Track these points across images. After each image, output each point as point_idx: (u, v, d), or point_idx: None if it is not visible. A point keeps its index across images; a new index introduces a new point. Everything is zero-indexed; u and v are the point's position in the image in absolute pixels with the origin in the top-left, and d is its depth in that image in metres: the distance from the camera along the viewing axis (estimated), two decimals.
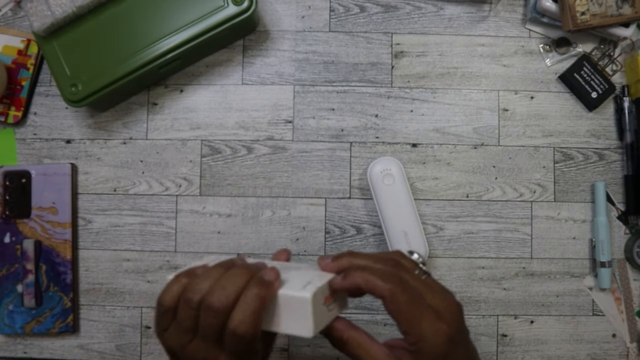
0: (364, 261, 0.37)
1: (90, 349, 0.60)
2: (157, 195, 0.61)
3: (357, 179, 0.61)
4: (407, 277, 0.36)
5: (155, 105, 0.62)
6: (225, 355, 0.35)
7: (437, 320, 0.34)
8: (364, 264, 0.36)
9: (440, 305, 0.35)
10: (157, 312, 0.36)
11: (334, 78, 0.62)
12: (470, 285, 0.60)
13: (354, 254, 0.38)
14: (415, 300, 0.34)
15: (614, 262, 0.61)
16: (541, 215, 0.61)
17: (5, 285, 0.59)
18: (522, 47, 0.62)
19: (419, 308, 0.34)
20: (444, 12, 0.63)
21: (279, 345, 0.59)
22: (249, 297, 0.33)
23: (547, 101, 0.62)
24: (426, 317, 0.34)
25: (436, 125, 0.62)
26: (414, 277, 0.36)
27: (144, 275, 0.60)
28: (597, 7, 0.57)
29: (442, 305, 0.35)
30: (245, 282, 0.34)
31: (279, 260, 0.44)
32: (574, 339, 0.60)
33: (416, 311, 0.34)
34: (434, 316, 0.34)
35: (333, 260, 0.38)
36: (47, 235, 0.59)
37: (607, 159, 0.62)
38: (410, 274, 0.36)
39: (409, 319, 0.34)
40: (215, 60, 0.62)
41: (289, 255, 0.44)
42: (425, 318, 0.34)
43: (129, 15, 0.56)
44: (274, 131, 0.61)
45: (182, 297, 0.35)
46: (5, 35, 0.61)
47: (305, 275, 0.38)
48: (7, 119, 0.60)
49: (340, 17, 0.62)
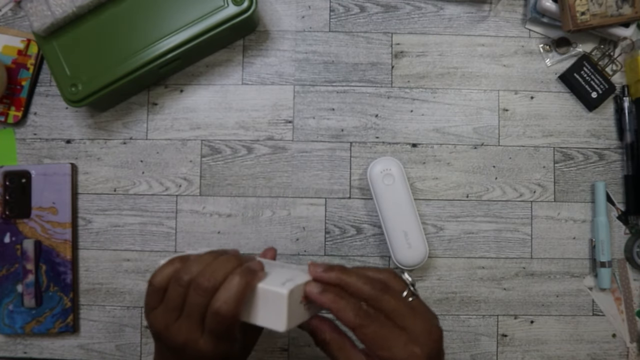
0: (353, 280, 0.38)
1: (90, 349, 0.60)
2: (157, 195, 0.61)
3: (357, 179, 0.61)
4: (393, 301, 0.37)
5: (155, 105, 0.62)
6: (205, 337, 0.36)
7: (409, 343, 0.36)
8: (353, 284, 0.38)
9: (418, 328, 0.37)
10: (148, 291, 0.38)
11: (334, 78, 0.62)
12: (470, 285, 0.60)
13: (346, 272, 0.39)
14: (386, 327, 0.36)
15: (614, 262, 0.61)
16: (541, 215, 0.61)
17: (5, 285, 0.59)
18: (522, 47, 0.62)
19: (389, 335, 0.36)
20: (444, 12, 0.63)
21: (279, 345, 0.59)
22: (234, 280, 0.35)
23: (547, 101, 0.62)
24: (398, 341, 0.36)
25: (436, 125, 0.62)
26: (398, 299, 0.38)
27: (144, 275, 0.60)
28: (597, 7, 0.57)
29: (419, 329, 0.37)
30: (233, 268, 0.36)
31: (265, 257, 0.46)
32: (574, 339, 0.60)
33: (386, 339, 0.36)
34: (407, 339, 0.36)
35: (324, 271, 0.39)
36: (47, 235, 0.59)
37: (607, 159, 0.62)
38: (396, 297, 0.38)
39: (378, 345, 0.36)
40: (215, 60, 0.62)
41: (274, 253, 0.46)
42: (396, 342, 0.36)
43: (129, 15, 0.56)
44: (274, 131, 0.61)
45: (173, 277, 0.37)
46: (5, 35, 0.61)
47: (288, 273, 0.39)
48: (7, 119, 0.60)
49: (340, 17, 0.62)
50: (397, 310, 0.37)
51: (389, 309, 0.37)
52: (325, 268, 0.39)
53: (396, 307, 0.37)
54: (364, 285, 0.38)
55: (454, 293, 0.60)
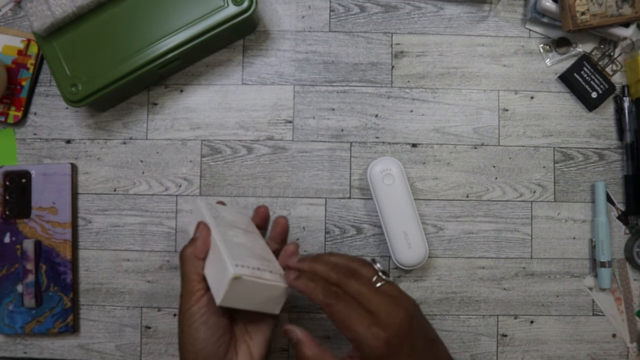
0: (323, 268, 0.42)
1: (90, 349, 0.60)
2: (157, 195, 0.61)
3: (357, 179, 0.61)
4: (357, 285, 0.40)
5: (155, 105, 0.62)
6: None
7: (373, 325, 0.38)
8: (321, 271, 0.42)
9: (383, 311, 0.38)
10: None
11: (334, 78, 0.62)
12: (470, 285, 0.60)
13: (316, 259, 0.43)
14: (351, 307, 0.39)
15: (614, 262, 0.61)
16: (541, 215, 0.61)
17: (5, 285, 0.59)
18: (522, 47, 0.62)
19: (354, 314, 0.38)
20: (444, 12, 0.63)
21: (279, 346, 0.59)
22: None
23: (547, 101, 0.62)
24: (361, 323, 0.38)
25: (436, 125, 0.62)
26: (365, 284, 0.40)
27: (144, 275, 0.60)
28: (597, 7, 0.57)
29: (384, 312, 0.38)
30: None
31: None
32: (574, 339, 0.60)
33: (351, 317, 0.38)
34: (371, 321, 0.38)
35: (298, 262, 0.43)
36: (47, 235, 0.59)
37: (607, 159, 0.62)
38: (362, 281, 0.41)
39: (344, 325, 0.38)
40: (215, 60, 0.62)
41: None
42: (360, 323, 0.38)
43: (129, 15, 0.56)
44: (274, 131, 0.61)
45: None
46: (5, 35, 0.61)
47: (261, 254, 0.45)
48: (7, 119, 0.60)
49: (340, 17, 0.62)
50: (362, 294, 0.39)
51: (354, 292, 0.40)
52: (299, 259, 0.44)
53: (361, 291, 0.40)
54: (330, 271, 0.41)
55: (454, 293, 0.60)
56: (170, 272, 0.60)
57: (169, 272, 0.60)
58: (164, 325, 0.60)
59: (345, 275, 0.41)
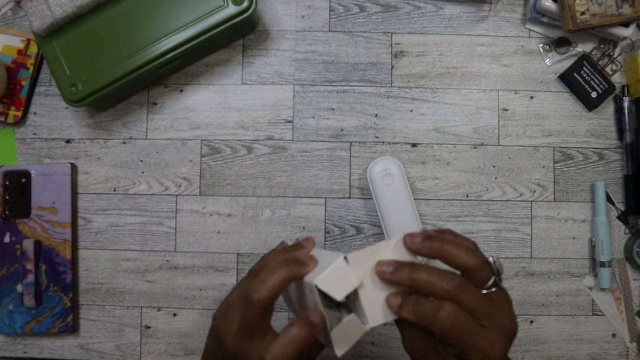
0: (427, 277, 0.35)
1: (90, 349, 0.60)
2: (157, 195, 0.61)
3: (357, 179, 0.61)
4: (469, 298, 0.34)
5: (155, 105, 0.62)
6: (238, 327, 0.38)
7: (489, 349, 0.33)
8: (426, 284, 0.35)
9: (495, 337, 0.34)
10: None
11: (334, 78, 0.62)
12: None
13: (416, 268, 0.36)
14: (463, 319, 0.33)
15: (614, 262, 0.61)
16: (541, 215, 0.61)
17: (5, 285, 0.59)
18: (522, 47, 0.62)
19: (468, 326, 0.33)
20: (444, 12, 0.63)
21: None
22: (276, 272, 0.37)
23: (547, 101, 0.62)
24: (475, 340, 0.33)
25: (436, 125, 0.62)
26: (477, 296, 0.35)
27: (144, 275, 0.60)
28: (597, 7, 0.57)
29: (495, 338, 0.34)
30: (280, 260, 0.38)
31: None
32: (574, 339, 0.60)
33: (467, 331, 0.33)
34: (487, 345, 0.33)
35: (422, 241, 0.37)
36: (47, 235, 0.59)
37: (607, 159, 0.62)
38: (472, 295, 0.34)
39: (459, 339, 0.33)
40: (215, 60, 0.62)
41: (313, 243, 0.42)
42: (474, 339, 0.33)
43: (129, 15, 0.56)
44: (274, 131, 0.61)
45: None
46: (5, 35, 0.61)
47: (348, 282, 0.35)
48: (7, 119, 0.60)
49: (340, 17, 0.62)
50: (476, 310, 0.34)
51: (468, 307, 0.34)
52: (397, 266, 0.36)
53: (474, 306, 0.34)
54: (438, 282, 0.34)
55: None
56: (170, 272, 0.60)
57: (169, 272, 0.60)
58: (163, 325, 0.60)
59: (456, 288, 0.34)
